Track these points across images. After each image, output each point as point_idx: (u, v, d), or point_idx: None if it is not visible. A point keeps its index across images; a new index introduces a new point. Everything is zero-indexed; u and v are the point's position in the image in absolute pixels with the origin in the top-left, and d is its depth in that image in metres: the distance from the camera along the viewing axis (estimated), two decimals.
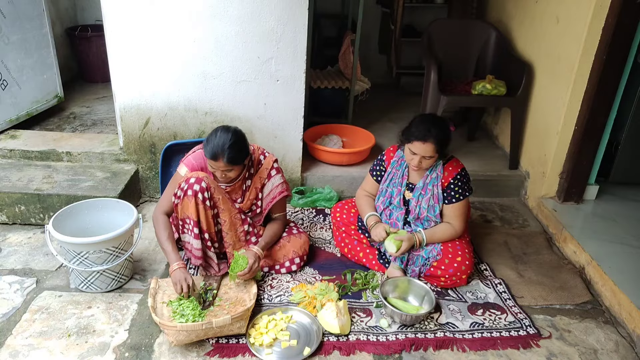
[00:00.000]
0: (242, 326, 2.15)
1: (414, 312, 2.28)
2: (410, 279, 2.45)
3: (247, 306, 2.17)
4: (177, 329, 2.02)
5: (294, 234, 2.66)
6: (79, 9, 5.08)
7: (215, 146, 2.24)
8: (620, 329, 2.33)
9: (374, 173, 2.66)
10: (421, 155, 2.32)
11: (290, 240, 2.61)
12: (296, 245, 2.60)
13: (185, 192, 2.32)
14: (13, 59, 3.46)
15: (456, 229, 2.46)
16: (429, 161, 2.36)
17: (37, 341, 2.12)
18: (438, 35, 3.82)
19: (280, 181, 2.55)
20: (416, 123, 2.35)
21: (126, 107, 3.06)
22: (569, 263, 2.81)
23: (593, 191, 3.20)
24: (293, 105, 3.12)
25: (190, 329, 2.03)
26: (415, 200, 2.48)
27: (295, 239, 2.62)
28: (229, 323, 2.07)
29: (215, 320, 2.04)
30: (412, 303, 2.40)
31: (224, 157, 2.24)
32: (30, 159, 3.25)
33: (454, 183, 2.44)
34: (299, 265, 2.61)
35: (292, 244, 2.60)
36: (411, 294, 2.43)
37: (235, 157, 2.28)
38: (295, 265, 2.60)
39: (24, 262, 2.62)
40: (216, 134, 2.28)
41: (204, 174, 2.38)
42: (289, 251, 2.58)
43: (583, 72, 2.87)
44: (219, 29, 2.88)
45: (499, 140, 3.97)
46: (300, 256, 2.60)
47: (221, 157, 2.24)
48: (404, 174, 2.54)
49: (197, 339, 2.12)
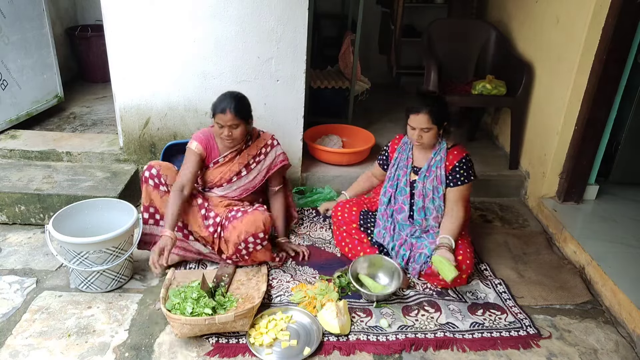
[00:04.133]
0: (246, 324, 2.16)
1: (379, 291, 2.40)
2: (382, 256, 2.54)
3: (252, 304, 2.18)
4: (182, 322, 2.04)
5: (248, 211, 2.49)
6: (79, 9, 5.09)
7: (223, 100, 2.43)
8: (620, 329, 2.33)
9: (380, 162, 2.80)
10: (419, 127, 2.42)
11: (243, 219, 2.44)
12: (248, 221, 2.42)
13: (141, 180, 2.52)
14: (13, 59, 3.46)
15: (459, 214, 2.49)
16: (427, 134, 2.44)
17: (37, 341, 2.12)
18: (438, 35, 3.82)
19: (281, 151, 2.71)
20: (412, 99, 2.49)
21: (126, 107, 3.06)
22: (569, 263, 2.81)
23: (593, 191, 3.20)
24: (293, 105, 3.12)
25: (193, 322, 2.04)
26: (421, 182, 2.54)
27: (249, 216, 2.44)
28: (232, 320, 2.08)
29: (218, 317, 2.06)
30: (381, 280, 2.51)
31: (232, 108, 2.39)
32: (30, 159, 3.25)
33: (459, 166, 2.50)
34: (255, 245, 2.44)
35: (245, 223, 2.42)
36: (381, 271, 2.53)
37: (242, 110, 2.45)
38: (244, 243, 2.42)
39: (24, 262, 2.62)
40: (224, 94, 2.48)
41: (159, 162, 2.56)
42: (241, 231, 2.42)
43: (583, 72, 2.87)
44: (219, 29, 2.89)
45: (499, 140, 3.97)
46: (253, 234, 2.42)
47: (229, 109, 2.39)
48: (409, 157, 2.61)
49: (201, 334, 2.13)
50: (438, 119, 2.42)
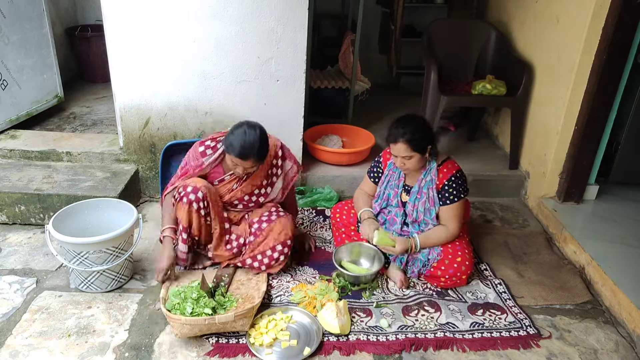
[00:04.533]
0: (246, 324, 2.16)
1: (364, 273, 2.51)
2: (361, 243, 2.60)
3: (252, 304, 2.19)
4: (182, 322, 2.04)
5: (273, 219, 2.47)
6: (79, 9, 5.08)
7: (245, 145, 2.22)
8: (620, 329, 2.33)
9: (371, 175, 2.67)
10: (399, 156, 2.35)
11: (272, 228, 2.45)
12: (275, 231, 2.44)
13: (181, 198, 2.37)
14: (13, 59, 3.46)
15: (451, 231, 2.44)
16: (410, 161, 2.35)
17: (37, 341, 2.12)
18: (438, 35, 3.82)
19: (290, 165, 2.60)
20: (390, 126, 2.39)
21: (126, 107, 3.06)
22: (569, 263, 2.81)
23: (593, 191, 3.20)
24: (293, 105, 3.12)
25: (193, 322, 2.04)
26: (411, 204, 2.48)
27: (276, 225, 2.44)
28: (232, 320, 2.08)
29: (218, 317, 2.07)
30: (363, 265, 2.61)
31: (254, 156, 2.26)
32: (30, 159, 3.25)
33: (448, 185, 2.42)
34: (281, 253, 2.45)
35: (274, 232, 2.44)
36: (362, 256, 2.63)
37: (264, 154, 2.32)
38: (277, 252, 2.45)
39: (24, 262, 2.62)
40: (244, 132, 2.23)
41: (203, 183, 2.39)
42: (269, 240, 2.45)
43: (583, 72, 2.87)
44: (219, 29, 2.88)
45: (499, 140, 3.97)
46: (282, 242, 2.45)
47: (251, 157, 2.26)
48: (401, 176, 2.55)
49: (201, 333, 2.13)
50: (418, 146, 2.31)
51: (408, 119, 2.38)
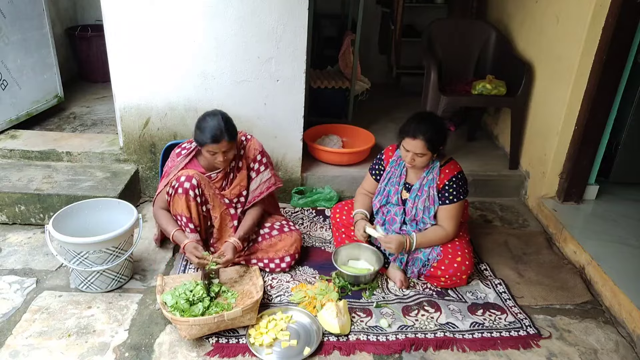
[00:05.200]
0: (252, 318, 2.18)
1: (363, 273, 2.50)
2: (359, 244, 2.61)
3: (255, 298, 2.21)
4: (190, 324, 2.04)
5: (285, 232, 2.63)
6: (79, 9, 5.08)
7: (212, 129, 2.27)
8: (620, 329, 2.33)
9: (373, 172, 2.67)
10: (413, 152, 2.33)
11: (282, 239, 2.59)
12: (287, 243, 2.59)
13: (176, 190, 2.38)
14: (13, 59, 3.46)
15: (448, 231, 2.44)
16: (421, 159, 2.36)
17: (37, 341, 2.12)
18: (438, 35, 3.82)
19: (268, 176, 2.59)
20: (409, 120, 2.38)
21: (126, 107, 3.06)
22: (569, 263, 2.81)
23: (593, 191, 3.20)
24: (293, 105, 3.12)
25: (203, 322, 2.05)
26: (411, 202, 2.48)
27: (287, 237, 2.60)
28: (240, 315, 2.10)
29: (226, 313, 2.09)
30: (363, 265, 2.62)
31: (226, 135, 2.28)
32: (30, 159, 3.25)
33: (449, 185, 2.42)
34: (289, 264, 2.59)
35: (284, 242, 2.59)
36: (362, 257, 2.65)
37: (233, 132, 2.34)
38: (285, 263, 2.58)
39: (24, 262, 2.62)
40: (206, 121, 2.31)
41: (194, 171, 2.43)
42: (280, 249, 2.57)
43: (583, 72, 2.87)
44: (219, 29, 2.88)
45: (499, 140, 3.97)
46: (291, 254, 2.59)
47: (223, 137, 2.28)
48: (402, 174, 2.54)
49: (210, 332, 2.14)
50: (434, 146, 2.32)
51: (431, 118, 2.39)
